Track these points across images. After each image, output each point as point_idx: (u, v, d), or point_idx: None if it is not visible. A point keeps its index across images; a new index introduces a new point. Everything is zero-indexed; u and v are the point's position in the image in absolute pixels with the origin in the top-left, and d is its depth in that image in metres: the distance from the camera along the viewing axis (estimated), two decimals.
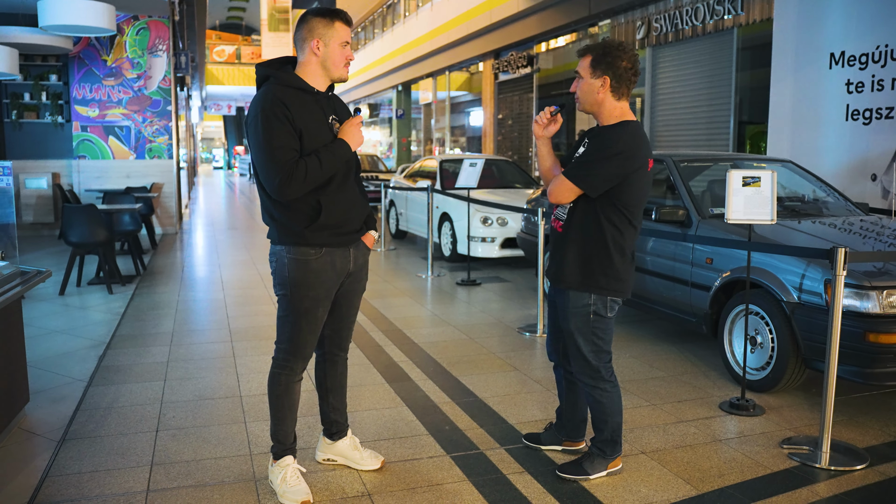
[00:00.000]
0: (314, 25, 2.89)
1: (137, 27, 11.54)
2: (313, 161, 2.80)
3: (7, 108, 11.37)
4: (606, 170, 2.97)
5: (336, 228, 2.97)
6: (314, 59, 2.92)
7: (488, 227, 8.63)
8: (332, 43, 2.90)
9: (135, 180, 11.69)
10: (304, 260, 2.93)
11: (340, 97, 3.18)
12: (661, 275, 5.10)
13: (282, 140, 2.78)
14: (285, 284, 2.97)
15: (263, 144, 2.78)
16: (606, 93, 3.05)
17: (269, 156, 2.78)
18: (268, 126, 2.78)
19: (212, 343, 5.49)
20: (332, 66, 2.93)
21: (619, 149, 2.97)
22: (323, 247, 2.95)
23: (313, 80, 2.93)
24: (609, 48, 3.04)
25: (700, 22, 10.39)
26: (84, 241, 7.17)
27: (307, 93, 2.90)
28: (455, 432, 3.78)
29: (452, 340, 5.60)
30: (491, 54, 17.43)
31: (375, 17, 28.36)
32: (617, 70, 3.02)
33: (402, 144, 25.92)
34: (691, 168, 5.50)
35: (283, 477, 3.07)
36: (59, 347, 5.35)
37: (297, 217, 2.90)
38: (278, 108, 2.78)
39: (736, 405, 4.05)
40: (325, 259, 2.96)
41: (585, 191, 3.01)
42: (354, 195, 3.06)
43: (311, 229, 2.91)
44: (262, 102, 2.82)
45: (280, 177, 2.76)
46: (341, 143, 2.92)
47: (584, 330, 3.11)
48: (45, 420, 3.97)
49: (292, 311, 2.98)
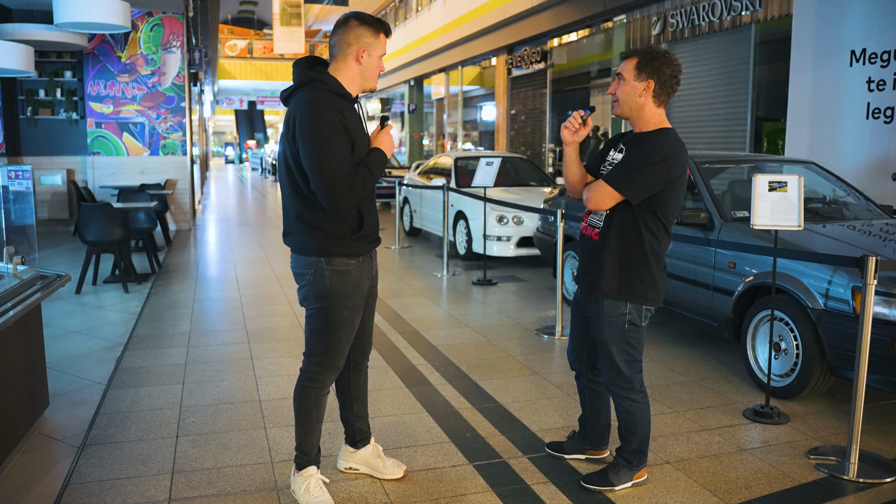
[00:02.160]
0: (362, 34, 2.85)
1: (151, 23, 11.53)
2: (366, 171, 2.79)
3: (22, 104, 11.40)
4: (651, 176, 2.92)
5: (370, 236, 2.98)
6: (356, 67, 2.87)
7: (504, 226, 8.58)
8: (374, 54, 2.89)
9: (149, 177, 11.70)
10: (345, 271, 2.90)
11: None
12: (683, 278, 5.05)
13: (341, 151, 2.72)
14: (324, 297, 2.90)
15: (323, 155, 2.69)
16: (648, 97, 2.99)
17: (329, 167, 2.69)
18: (327, 135, 2.70)
19: (229, 344, 5.47)
20: (370, 76, 2.92)
21: (665, 155, 2.92)
22: (361, 256, 2.95)
23: (350, 87, 2.89)
24: (657, 53, 3.00)
25: (717, 17, 10.28)
26: (100, 240, 7.17)
27: (348, 100, 2.87)
28: (477, 440, 3.75)
29: (470, 342, 5.56)
30: (504, 49, 17.34)
31: (388, 11, 28.28)
32: (662, 76, 2.97)
33: (415, 139, 25.86)
34: (712, 169, 5.43)
35: (306, 487, 3.05)
36: (76, 348, 5.35)
37: (342, 227, 2.86)
38: (336, 116, 2.73)
39: (760, 413, 4.00)
40: (363, 268, 2.97)
41: (628, 197, 2.96)
42: (375, 203, 3.07)
43: (354, 239, 2.90)
44: (317, 108, 2.71)
45: (341, 188, 2.70)
46: (380, 153, 2.91)
47: (619, 340, 3.07)
48: (65, 424, 3.96)
49: (330, 322, 2.93)
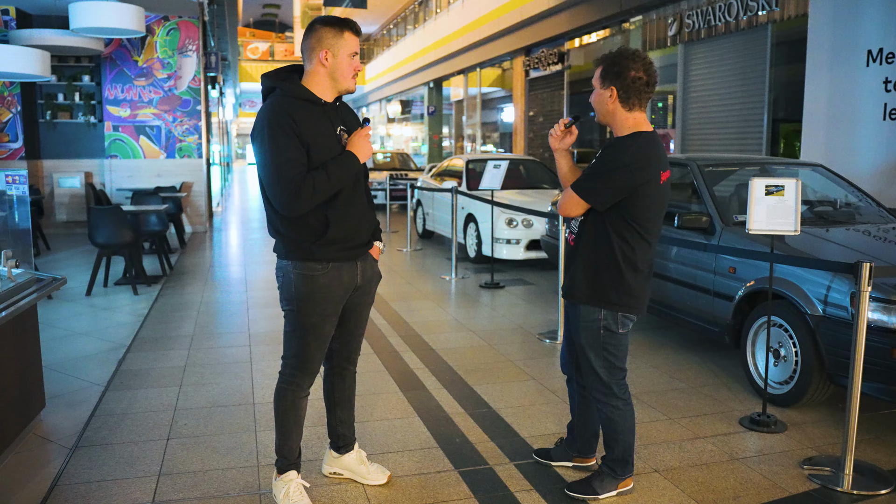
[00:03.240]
0: (323, 35, 2.82)
1: (168, 28, 11.64)
2: (321, 175, 2.74)
3: (41, 108, 11.58)
4: (612, 183, 2.88)
5: (344, 242, 2.91)
6: (322, 69, 2.85)
7: (513, 229, 8.53)
8: (340, 53, 2.83)
9: (165, 179, 11.82)
10: (310, 275, 2.88)
11: (372, 94, 3.12)
12: (683, 282, 4.98)
13: (289, 154, 2.71)
14: (292, 300, 2.92)
15: (270, 159, 2.72)
16: (615, 103, 2.96)
17: (276, 171, 2.71)
18: (275, 140, 2.71)
19: (230, 347, 5.50)
20: (340, 77, 2.87)
21: (626, 161, 2.87)
22: (330, 262, 2.90)
23: (321, 91, 2.87)
24: (618, 58, 2.95)
25: (733, 18, 10.15)
26: (110, 243, 7.25)
27: (314, 104, 2.84)
28: (465, 445, 3.72)
29: (471, 347, 5.54)
30: (522, 51, 17.28)
31: (407, 13, 28.33)
32: (624, 80, 2.92)
33: (434, 141, 25.87)
34: (716, 173, 5.35)
35: (286, 492, 3.04)
36: (80, 350, 5.41)
37: (305, 232, 2.84)
38: (285, 121, 2.72)
39: (757, 421, 3.92)
40: (332, 274, 2.91)
41: (592, 204, 2.93)
42: (362, 208, 3.00)
43: (319, 244, 2.85)
44: (268, 115, 2.76)
45: (288, 192, 2.70)
46: (349, 156, 2.86)
47: (595, 345, 3.03)
48: (60, 426, 4.00)
49: (299, 326, 2.94)
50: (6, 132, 11.10)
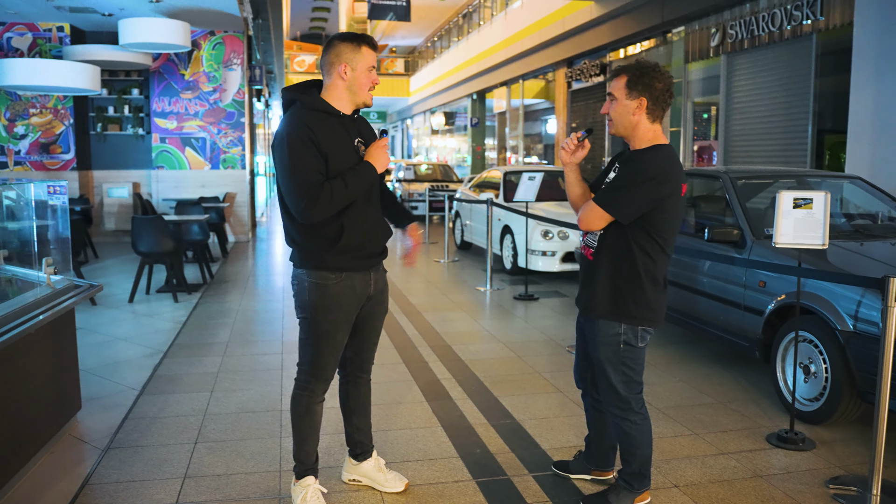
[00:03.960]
0: (341, 50, 2.91)
1: (213, 42, 11.95)
2: (339, 184, 2.81)
3: (93, 121, 11.98)
4: (639, 195, 2.86)
5: (357, 252, 2.97)
6: (341, 83, 2.93)
7: (549, 241, 8.51)
8: (358, 67, 2.91)
9: (209, 190, 12.10)
10: (324, 284, 2.95)
11: (416, 106, 3.19)
12: (713, 296, 4.92)
13: (307, 164, 2.79)
14: (306, 308, 2.99)
15: (289, 168, 2.80)
16: (642, 115, 2.94)
17: (294, 179, 2.79)
18: (293, 150, 2.80)
19: (263, 354, 5.60)
20: (357, 90, 2.94)
21: (653, 174, 2.86)
22: (343, 271, 2.96)
23: (339, 104, 2.94)
24: (646, 69, 2.94)
25: (777, 28, 9.99)
26: (152, 251, 7.45)
27: (332, 116, 2.92)
28: (485, 456, 3.73)
29: (499, 358, 5.54)
30: (564, 63, 17.26)
31: (451, 26, 28.52)
32: (654, 91, 2.92)
33: (476, 153, 25.94)
34: (750, 186, 5.28)
35: (303, 497, 3.10)
36: (119, 355, 5.57)
37: (319, 241, 2.92)
38: (304, 132, 2.80)
39: (784, 438, 3.85)
40: (345, 283, 2.97)
41: (616, 217, 2.91)
42: (376, 218, 3.06)
43: (332, 253, 2.92)
44: (287, 126, 2.85)
45: (305, 200, 2.77)
46: (367, 166, 2.93)
47: (614, 360, 3.02)
48: (95, 428, 4.13)
49: (313, 334, 3.00)
50: (59, 144, 11.51)
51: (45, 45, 11.32)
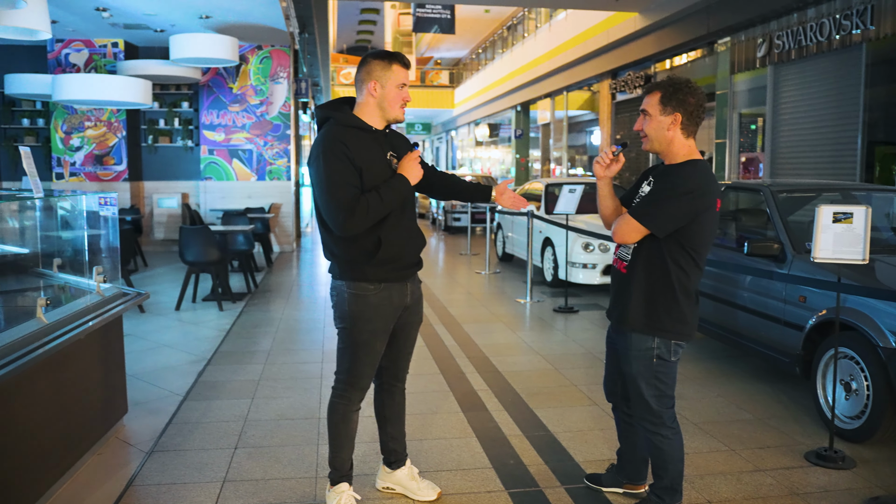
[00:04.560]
0: (372, 68, 2.99)
1: (261, 56, 12.23)
2: (374, 196, 2.89)
3: (144, 133, 12.35)
4: (676, 209, 2.87)
5: (394, 263, 3.04)
6: (371, 99, 3.01)
7: (590, 254, 8.49)
8: (388, 84, 2.98)
9: (255, 200, 12.35)
10: (363, 295, 3.02)
11: (461, 117, 3.25)
12: (753, 310, 4.86)
13: (343, 178, 2.87)
14: (345, 318, 3.07)
15: (325, 182, 2.89)
16: (676, 130, 2.96)
17: (330, 193, 2.87)
18: (329, 165, 2.88)
19: (303, 363, 5.70)
20: (388, 106, 3.01)
21: (690, 187, 2.87)
22: (381, 282, 3.03)
23: (370, 120, 3.03)
24: (679, 85, 2.96)
25: (825, 38, 9.83)
26: (198, 261, 7.65)
27: (365, 131, 3.00)
28: (518, 467, 3.75)
29: (537, 370, 5.55)
30: (608, 74, 17.19)
31: (496, 38, 28.62)
32: (688, 107, 2.93)
33: (521, 164, 25.94)
34: (792, 199, 5.21)
35: (337, 502, 3.17)
36: (164, 361, 5.73)
37: (357, 253, 3.00)
38: (338, 147, 2.89)
39: (823, 456, 3.78)
40: (382, 294, 3.04)
41: (653, 230, 2.92)
42: (411, 229, 3.13)
43: (370, 265, 2.99)
44: (323, 142, 2.94)
45: (342, 213, 2.85)
46: (401, 178, 3.00)
47: (647, 374, 3.02)
48: (140, 431, 4.26)
49: (351, 343, 3.08)
50: (112, 155, 11.89)
51: (101, 60, 11.73)
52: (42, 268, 4.07)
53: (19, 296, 3.92)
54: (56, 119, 11.75)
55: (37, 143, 12.30)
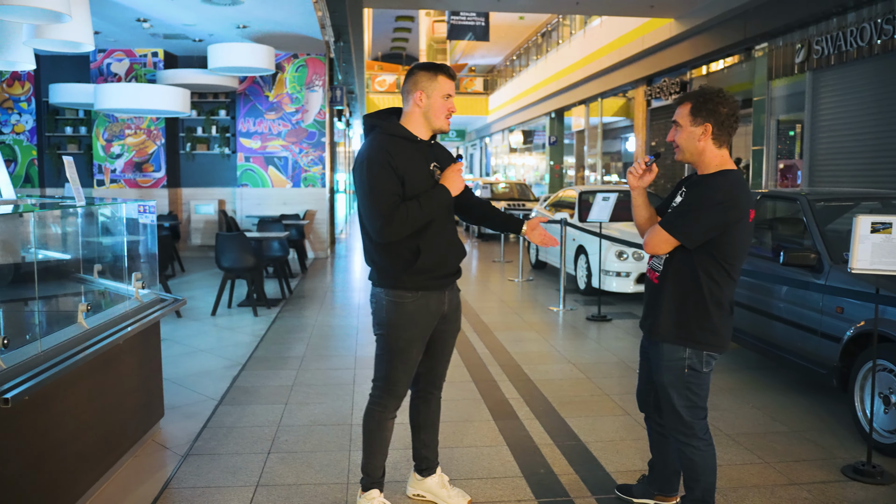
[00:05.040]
0: (419, 78, 3.05)
1: (296, 65, 12.38)
2: (414, 205, 2.93)
3: (182, 141, 12.58)
4: (706, 220, 2.86)
5: (433, 272, 3.08)
6: (417, 110, 3.06)
7: (623, 262, 8.44)
8: (434, 95, 3.04)
9: (290, 207, 12.49)
10: (400, 302, 3.07)
11: (494, 124, 3.30)
12: (788, 321, 4.79)
13: (385, 185, 2.93)
14: (383, 325, 3.12)
15: (367, 189, 2.95)
16: (707, 140, 2.95)
17: (371, 200, 2.93)
18: (372, 172, 2.94)
19: (336, 370, 5.75)
20: (433, 116, 3.06)
21: (720, 199, 2.85)
22: (419, 290, 3.07)
23: (416, 130, 3.08)
24: (709, 95, 2.95)
25: (866, 42, 9.66)
26: (234, 267, 7.76)
27: (410, 141, 3.06)
28: (549, 476, 3.74)
29: (569, 379, 5.53)
30: (643, 81, 17.08)
31: (530, 44, 28.60)
32: (718, 117, 2.92)
33: (555, 171, 25.86)
34: (830, 208, 5.13)
35: None
36: (200, 366, 5.83)
37: (396, 261, 3.04)
38: (382, 156, 2.95)
39: (860, 471, 3.71)
40: (420, 302, 3.08)
41: (683, 242, 2.91)
42: (452, 239, 3.16)
43: (409, 273, 3.03)
44: (367, 150, 3.00)
45: (381, 220, 2.91)
46: (442, 189, 3.04)
47: (678, 384, 3.00)
48: (176, 435, 4.34)
49: (388, 350, 3.12)
50: (151, 163, 12.13)
51: (141, 69, 11.98)
52: (83, 273, 4.18)
53: (62, 300, 4.02)
54: (97, 127, 12.03)
55: (79, 150, 12.60)
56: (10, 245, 3.77)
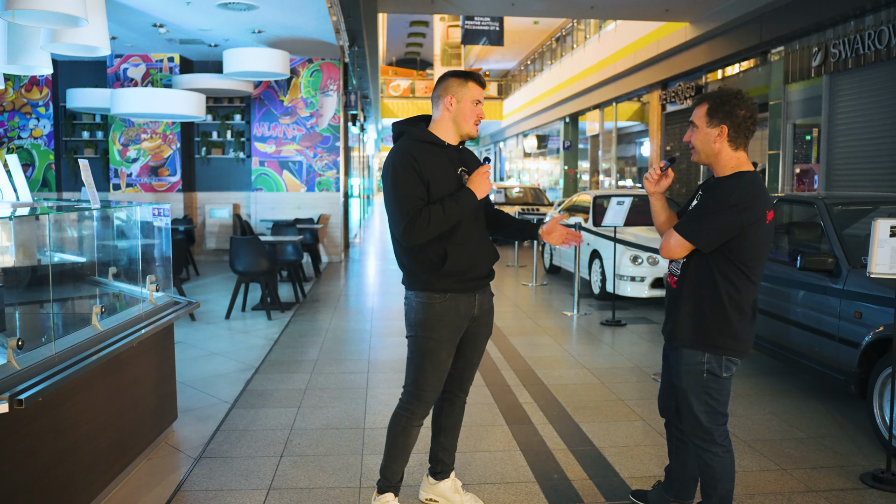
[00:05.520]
0: (450, 84, 3.10)
1: (311, 69, 12.43)
2: (437, 208, 2.95)
3: (198, 145, 12.66)
4: (718, 223, 2.83)
5: (461, 275, 3.09)
6: (447, 114, 3.10)
7: (638, 266, 8.39)
8: (464, 100, 3.07)
9: (305, 211, 12.53)
10: (429, 304, 3.09)
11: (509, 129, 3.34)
12: (806, 326, 4.74)
13: (409, 190, 2.96)
14: (412, 326, 3.14)
15: (392, 193, 2.99)
16: (723, 142, 2.92)
17: (396, 203, 2.97)
18: (396, 177, 2.98)
19: (349, 373, 5.75)
20: (462, 121, 3.09)
21: (733, 201, 2.82)
22: (448, 292, 3.08)
23: (444, 135, 3.12)
24: (727, 96, 2.92)
25: (884, 46, 9.57)
26: (248, 270, 7.79)
27: (437, 146, 3.09)
28: (563, 482, 3.71)
29: (583, 384, 5.50)
30: (658, 85, 17.01)
31: (544, 49, 28.57)
32: (735, 119, 2.89)
33: (569, 176, 25.80)
34: (847, 212, 5.07)
35: None
36: (214, 369, 5.84)
37: (424, 264, 3.07)
38: (407, 161, 2.99)
39: (880, 478, 3.66)
40: (449, 304, 3.09)
41: (697, 246, 2.89)
42: (482, 244, 3.18)
43: (437, 276, 3.06)
44: (394, 156, 3.04)
45: (405, 222, 2.94)
46: (467, 192, 3.05)
47: (697, 389, 2.97)
48: (189, 437, 4.35)
49: (417, 351, 3.14)
50: (167, 167, 12.20)
51: (157, 74, 12.07)
52: (98, 276, 4.20)
53: (76, 303, 4.04)
54: (114, 131, 12.12)
55: (95, 154, 12.70)
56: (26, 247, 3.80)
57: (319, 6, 8.89)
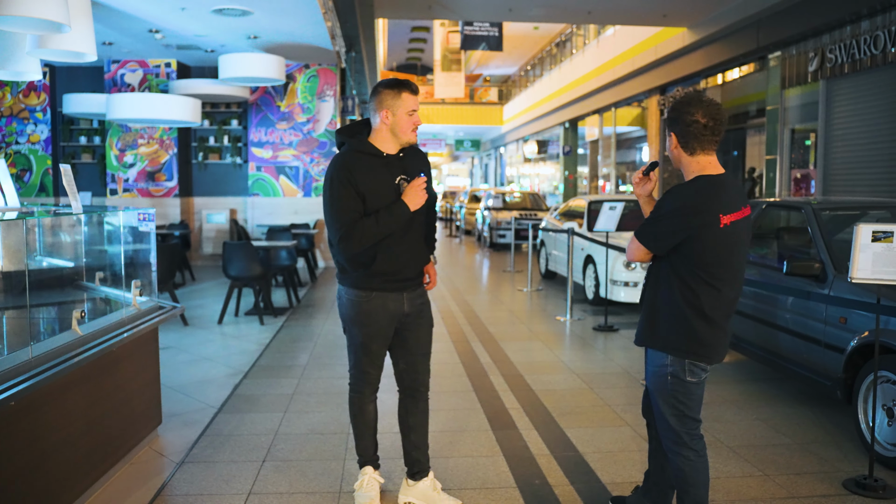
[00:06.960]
0: (383, 98, 3.19)
1: (308, 75, 12.45)
2: (371, 221, 3.09)
3: (195, 150, 12.67)
4: (666, 226, 2.84)
5: (389, 276, 3.24)
6: (384, 127, 3.22)
7: (631, 272, 8.37)
8: (399, 112, 3.18)
9: (301, 216, 12.53)
10: (357, 301, 3.26)
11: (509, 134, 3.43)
12: (792, 331, 4.72)
13: (345, 203, 3.11)
14: (344, 320, 3.38)
15: (330, 206, 3.15)
16: (679, 150, 2.93)
17: (333, 217, 3.13)
18: (334, 191, 3.13)
19: (337, 378, 5.74)
20: (400, 132, 3.21)
21: (677, 205, 2.82)
22: (374, 291, 3.23)
23: (383, 146, 3.23)
24: (676, 104, 2.93)
25: (880, 51, 9.56)
26: (241, 276, 7.79)
27: (376, 157, 3.20)
28: (544, 488, 3.70)
29: (570, 389, 5.48)
30: (657, 90, 17.01)
31: (544, 55, 28.60)
32: (680, 125, 2.88)
33: (569, 181, 25.79)
34: (837, 218, 5.06)
35: (360, 483, 3.44)
36: (203, 374, 5.83)
37: (353, 264, 3.22)
38: (344, 175, 3.13)
39: (862, 484, 3.64)
40: (376, 302, 3.25)
41: (649, 249, 2.91)
42: (413, 247, 3.30)
43: (366, 275, 3.21)
44: (331, 168, 3.19)
45: (340, 234, 3.11)
46: (400, 205, 3.17)
47: (664, 392, 2.95)
48: (173, 442, 4.34)
49: (351, 343, 3.38)
50: (164, 172, 12.22)
51: (154, 80, 12.10)
52: (80, 280, 4.20)
53: (56, 307, 4.04)
54: (111, 137, 12.14)
55: (93, 160, 12.73)
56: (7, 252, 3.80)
57: (314, 12, 8.90)
